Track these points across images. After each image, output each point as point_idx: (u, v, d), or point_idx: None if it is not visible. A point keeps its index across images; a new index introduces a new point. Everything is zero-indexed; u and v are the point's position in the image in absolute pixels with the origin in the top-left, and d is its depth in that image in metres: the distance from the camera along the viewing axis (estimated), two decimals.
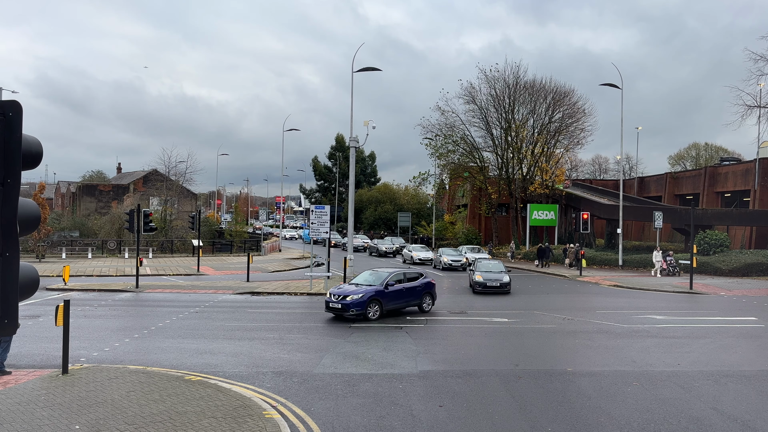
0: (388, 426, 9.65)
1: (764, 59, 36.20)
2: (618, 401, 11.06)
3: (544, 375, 12.88)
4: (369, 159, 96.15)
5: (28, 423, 9.31)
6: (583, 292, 29.08)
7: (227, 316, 20.39)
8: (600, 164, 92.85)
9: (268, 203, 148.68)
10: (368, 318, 19.17)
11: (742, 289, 29.03)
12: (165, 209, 59.96)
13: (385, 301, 19.79)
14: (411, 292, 20.78)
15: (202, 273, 35.76)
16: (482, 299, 25.89)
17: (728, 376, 12.97)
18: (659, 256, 36.23)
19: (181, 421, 9.49)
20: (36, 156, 3.97)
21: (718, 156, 74.13)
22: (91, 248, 51.66)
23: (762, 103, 40.47)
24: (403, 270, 22.13)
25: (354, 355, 14.76)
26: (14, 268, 3.73)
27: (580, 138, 54.20)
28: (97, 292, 26.80)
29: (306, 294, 26.62)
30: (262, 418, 9.71)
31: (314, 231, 27.92)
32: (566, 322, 19.98)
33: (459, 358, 14.57)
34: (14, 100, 3.78)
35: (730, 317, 21.24)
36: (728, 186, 48.14)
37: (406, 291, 20.61)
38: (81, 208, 70.02)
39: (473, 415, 10.24)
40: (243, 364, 13.82)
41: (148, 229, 27.98)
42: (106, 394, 10.81)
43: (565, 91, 53.58)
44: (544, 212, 51.98)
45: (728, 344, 16.44)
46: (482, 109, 53.80)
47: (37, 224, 4.17)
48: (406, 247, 49.27)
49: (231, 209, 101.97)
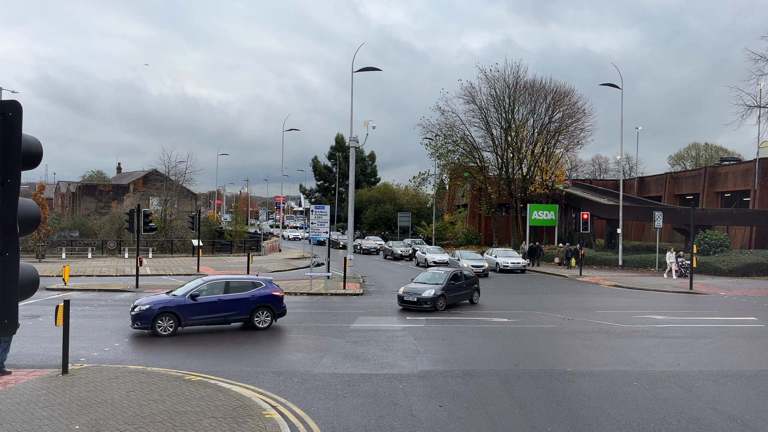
0: (388, 426, 9.66)
1: (764, 59, 36.24)
2: (618, 401, 11.06)
3: (544, 375, 12.88)
4: (369, 159, 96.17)
5: (28, 423, 9.31)
6: (583, 292, 29.08)
7: None
8: (600, 164, 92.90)
9: (268, 203, 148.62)
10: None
11: (742, 289, 29.03)
12: (165, 209, 59.94)
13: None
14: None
15: (202, 273, 35.70)
16: (482, 299, 25.89)
17: (728, 376, 12.97)
18: (672, 257, 35.44)
19: (181, 421, 9.49)
20: (36, 156, 3.97)
21: (718, 156, 74.13)
22: (91, 248, 51.64)
23: (762, 103, 40.53)
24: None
25: (354, 355, 14.76)
26: (14, 268, 3.73)
27: (580, 138, 54.31)
28: (97, 292, 26.79)
29: (306, 294, 26.62)
30: (262, 418, 9.71)
31: (314, 231, 27.91)
32: (566, 322, 19.99)
33: (459, 358, 14.58)
34: (14, 100, 3.77)
35: (730, 317, 21.25)
36: (728, 186, 48.15)
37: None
38: (81, 208, 70.02)
39: (473, 415, 10.24)
40: (243, 363, 13.83)
41: (148, 229, 27.98)
42: (106, 394, 10.81)
43: (565, 91, 53.66)
44: (544, 212, 51.98)
45: (728, 344, 16.44)
46: (482, 109, 53.87)
47: (37, 224, 4.17)
48: (420, 249, 46.75)
49: (231, 209, 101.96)
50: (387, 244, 53.74)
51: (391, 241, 56.12)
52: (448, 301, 22.39)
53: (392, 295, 26.53)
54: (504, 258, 40.48)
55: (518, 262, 39.78)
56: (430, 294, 21.84)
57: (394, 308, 22.60)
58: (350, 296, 26.35)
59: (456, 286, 23.15)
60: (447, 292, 22.42)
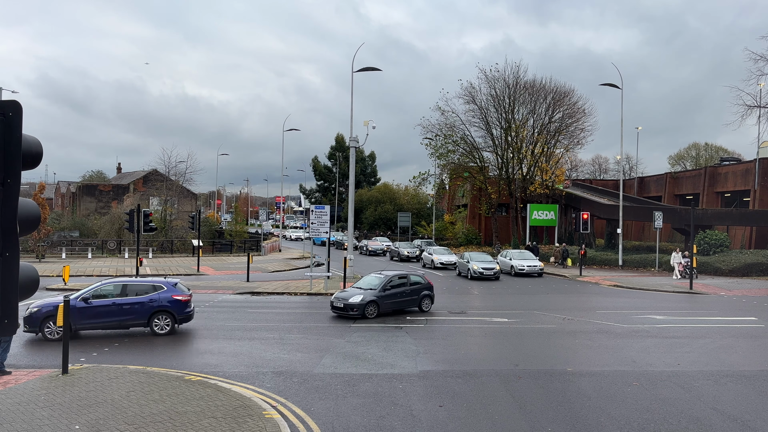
0: (388, 426, 9.65)
1: (764, 59, 36.22)
2: (618, 401, 11.06)
3: (544, 375, 12.88)
4: (369, 159, 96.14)
5: (28, 423, 9.31)
6: (583, 292, 29.08)
7: (227, 316, 20.39)
8: (600, 164, 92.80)
9: (268, 203, 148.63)
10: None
11: (742, 289, 29.03)
12: (165, 209, 59.96)
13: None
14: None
15: (202, 273, 35.76)
16: (482, 299, 25.89)
17: (728, 376, 12.97)
18: (679, 257, 34.83)
19: (181, 421, 9.49)
20: (36, 156, 3.97)
21: (718, 156, 74.11)
22: (91, 248, 51.64)
23: (762, 103, 40.51)
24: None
25: (354, 355, 14.76)
26: (14, 268, 3.73)
27: (580, 138, 54.25)
28: None
29: (306, 294, 26.62)
30: (262, 418, 9.71)
31: (314, 231, 27.92)
32: (566, 322, 19.98)
33: (459, 358, 14.58)
34: (14, 100, 3.77)
35: (730, 317, 21.24)
36: (728, 186, 48.14)
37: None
38: (81, 208, 70.04)
39: (473, 415, 10.24)
40: (243, 364, 13.83)
41: (148, 229, 27.98)
42: (106, 394, 10.81)
43: (565, 91, 53.61)
44: (544, 212, 51.97)
45: (728, 344, 16.44)
46: (482, 109, 53.81)
47: (37, 224, 4.17)
48: (426, 249, 44.90)
49: (231, 209, 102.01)
50: (394, 245, 51.83)
51: (398, 242, 54.37)
52: (382, 309, 20.43)
53: None
54: (519, 261, 37.97)
55: (535, 265, 37.30)
56: (356, 300, 20.06)
57: None
58: None
59: (396, 292, 21.02)
60: (382, 298, 20.47)
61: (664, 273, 37.25)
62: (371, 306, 20.23)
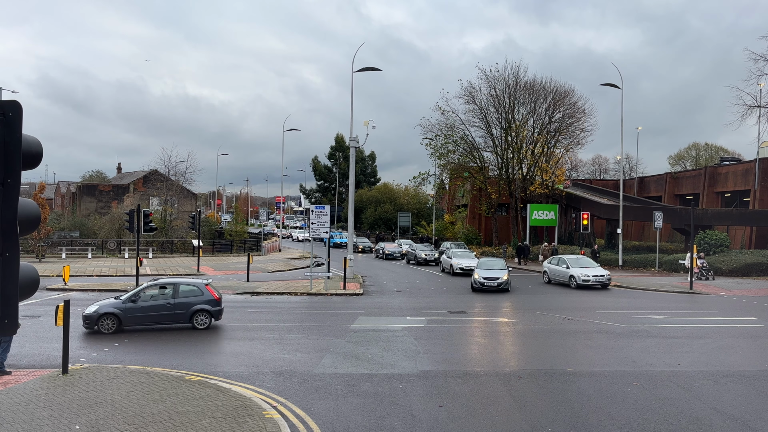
0: (388, 426, 9.65)
1: (764, 59, 36.21)
2: (618, 401, 11.06)
3: (544, 375, 12.88)
4: (369, 159, 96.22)
5: (28, 423, 9.31)
6: (583, 292, 29.06)
7: (227, 316, 20.37)
8: (600, 164, 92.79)
9: (268, 203, 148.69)
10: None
11: (742, 289, 29.02)
12: (165, 209, 59.99)
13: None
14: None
15: (202, 273, 35.74)
16: (481, 299, 25.88)
17: (728, 376, 12.96)
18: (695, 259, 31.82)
19: (181, 421, 9.49)
20: (36, 156, 3.97)
21: (718, 156, 74.10)
22: (91, 248, 51.66)
23: (762, 103, 40.48)
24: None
25: (354, 355, 14.76)
26: (14, 268, 3.73)
27: (580, 138, 54.23)
28: (97, 292, 26.78)
29: (306, 294, 26.62)
30: (262, 418, 9.71)
31: (314, 231, 27.93)
32: (566, 322, 19.98)
33: (459, 358, 14.58)
34: (14, 100, 3.77)
35: (730, 317, 21.24)
36: (728, 186, 48.13)
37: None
38: (81, 208, 70.06)
39: (473, 415, 10.24)
40: (243, 364, 13.83)
41: (148, 229, 27.96)
42: (106, 394, 10.81)
43: (565, 91, 53.60)
44: (544, 212, 51.94)
45: (728, 344, 16.44)
46: (482, 109, 53.82)
47: (37, 224, 4.17)
48: (446, 253, 39.78)
49: (231, 209, 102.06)
50: (411, 248, 47.96)
51: (416, 244, 51.34)
52: (126, 324, 17.72)
53: (392, 295, 26.57)
54: (579, 269, 30.15)
55: (602, 275, 29.76)
56: (91, 311, 17.69)
57: (394, 308, 22.60)
58: (350, 296, 26.35)
59: (148, 306, 17.94)
60: (126, 311, 17.70)
61: (664, 273, 37.25)
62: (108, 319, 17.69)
